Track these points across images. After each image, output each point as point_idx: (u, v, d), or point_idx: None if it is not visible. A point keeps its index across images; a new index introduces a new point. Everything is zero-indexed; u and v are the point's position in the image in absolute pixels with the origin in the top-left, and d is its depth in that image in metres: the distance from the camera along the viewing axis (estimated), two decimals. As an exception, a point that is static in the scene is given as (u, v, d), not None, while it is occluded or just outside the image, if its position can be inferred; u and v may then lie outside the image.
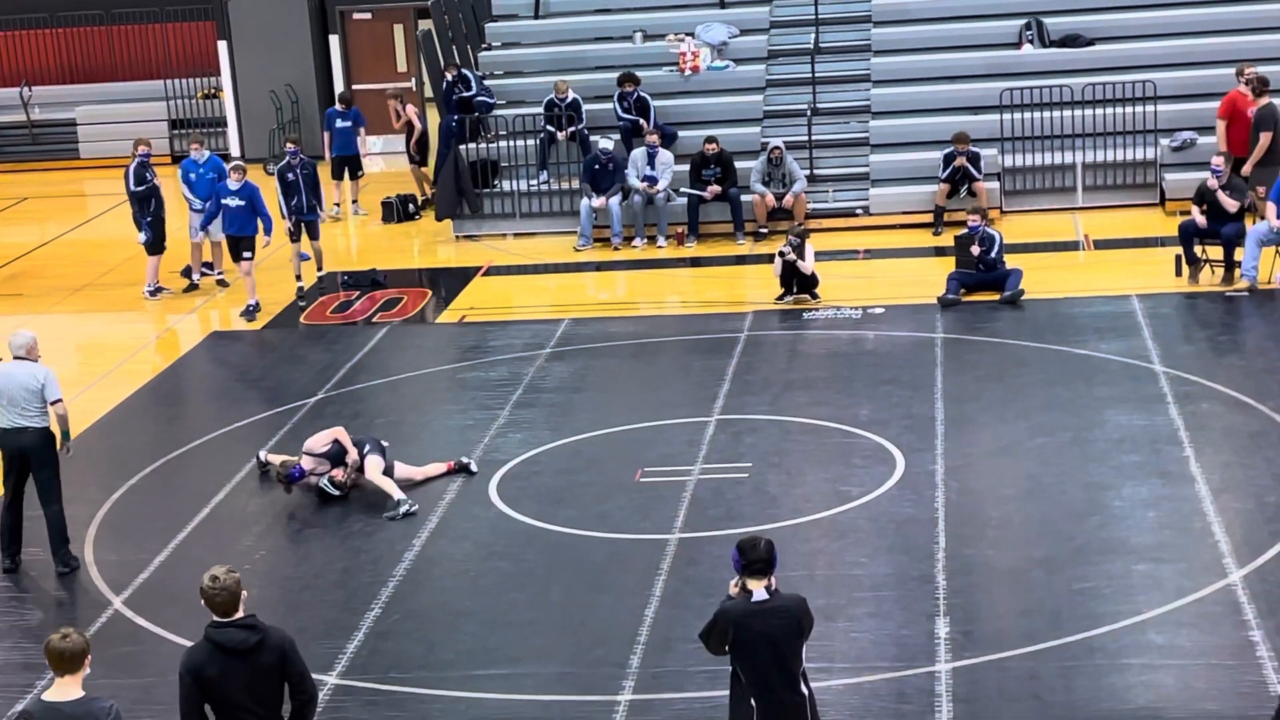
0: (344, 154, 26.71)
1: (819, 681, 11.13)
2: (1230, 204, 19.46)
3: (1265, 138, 20.80)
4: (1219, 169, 19.70)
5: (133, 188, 22.11)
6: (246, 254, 21.15)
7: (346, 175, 26.88)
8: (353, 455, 14.78)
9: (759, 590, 8.95)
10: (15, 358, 13.67)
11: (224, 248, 22.81)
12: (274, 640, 8.79)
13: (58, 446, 13.73)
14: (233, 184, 21.17)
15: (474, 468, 15.28)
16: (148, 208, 22.13)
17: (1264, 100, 21.19)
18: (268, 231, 21.43)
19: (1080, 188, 23.72)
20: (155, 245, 22.21)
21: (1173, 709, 10.58)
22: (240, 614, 8.76)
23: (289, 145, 22.83)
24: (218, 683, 8.67)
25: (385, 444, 15.08)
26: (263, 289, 21.39)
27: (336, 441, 14.85)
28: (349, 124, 26.68)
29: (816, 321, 19.30)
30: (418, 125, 27.42)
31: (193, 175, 22.57)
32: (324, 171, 24.87)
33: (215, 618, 8.76)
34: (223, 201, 21.17)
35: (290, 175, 22.12)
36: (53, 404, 13.53)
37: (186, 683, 8.68)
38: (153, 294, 22.29)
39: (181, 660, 8.79)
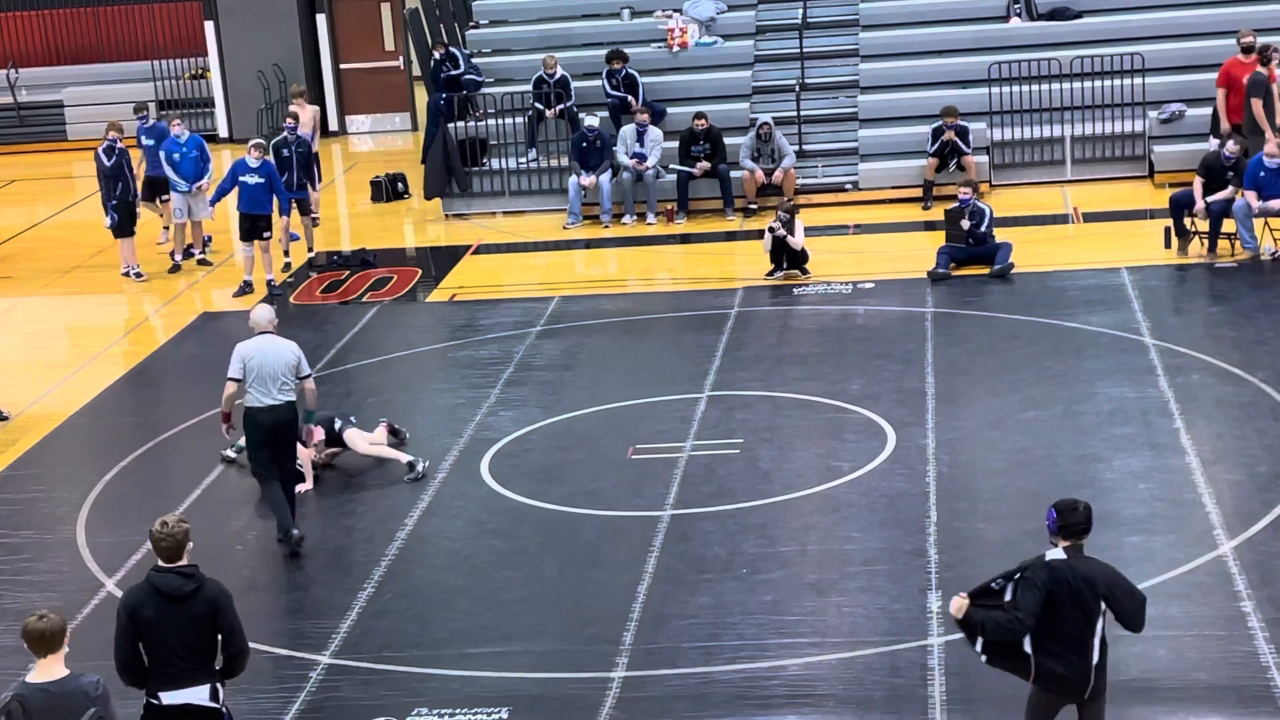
0: (155, 175, 22.88)
1: (811, 656, 11.18)
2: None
3: (1256, 104, 20.94)
4: (1232, 155, 19.61)
5: (106, 163, 21.82)
6: (266, 233, 20.99)
7: (157, 200, 23.04)
8: (317, 436, 14.75)
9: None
10: (261, 332, 13.42)
11: (203, 227, 22.76)
12: (209, 591, 9.08)
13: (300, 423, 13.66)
14: (252, 161, 20.84)
15: (406, 436, 15.43)
16: (114, 190, 21.90)
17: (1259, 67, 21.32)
18: (284, 211, 21.40)
19: (1069, 161, 23.71)
20: (122, 229, 22.02)
21: (1165, 680, 10.61)
22: (184, 562, 9.06)
23: (288, 121, 22.73)
24: (152, 624, 8.99)
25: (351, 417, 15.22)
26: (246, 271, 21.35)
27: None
28: (152, 142, 22.98)
29: (807, 297, 19.31)
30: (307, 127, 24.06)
31: (176, 155, 22.31)
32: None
33: (160, 562, 9.07)
34: (240, 178, 20.88)
35: (285, 151, 22.05)
36: (303, 379, 13.36)
37: (123, 619, 9.03)
38: (136, 277, 22.15)
39: (121, 597, 9.19)
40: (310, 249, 22.59)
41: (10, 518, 14.57)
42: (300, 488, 14.56)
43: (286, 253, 22.12)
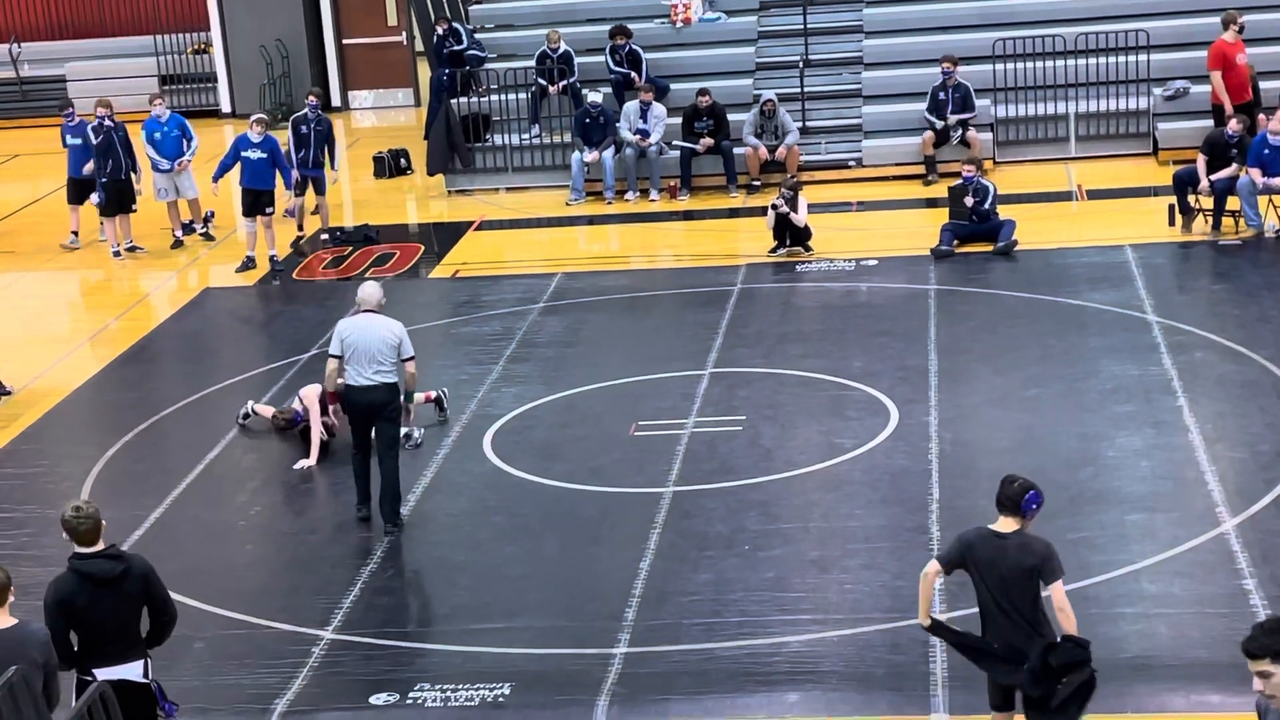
0: (77, 176, 22.44)
1: (813, 633, 11.19)
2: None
3: None
4: (1234, 134, 19.56)
5: (94, 141, 21.84)
6: (269, 209, 20.99)
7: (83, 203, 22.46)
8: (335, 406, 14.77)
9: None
10: (365, 310, 13.18)
11: (200, 204, 22.71)
12: (137, 569, 9.07)
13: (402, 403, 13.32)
14: (254, 136, 20.84)
15: (445, 404, 15.49)
16: (104, 167, 21.79)
17: None
18: (288, 185, 21.37)
19: (1073, 138, 23.67)
20: (109, 207, 21.92)
21: (1166, 657, 10.63)
22: (101, 545, 9.01)
23: (310, 99, 22.61)
24: (86, 611, 8.95)
25: None
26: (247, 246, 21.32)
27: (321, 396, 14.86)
28: (79, 141, 22.37)
29: (810, 274, 19.29)
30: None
31: (157, 134, 22.25)
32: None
33: (78, 549, 8.99)
34: (243, 154, 20.86)
35: (304, 128, 22.01)
36: (407, 360, 13.01)
37: (53, 613, 8.92)
38: (129, 250, 22.04)
39: (48, 592, 9.00)
40: (325, 223, 22.52)
41: (13, 492, 14.58)
42: (302, 463, 14.57)
43: (301, 226, 22.10)
